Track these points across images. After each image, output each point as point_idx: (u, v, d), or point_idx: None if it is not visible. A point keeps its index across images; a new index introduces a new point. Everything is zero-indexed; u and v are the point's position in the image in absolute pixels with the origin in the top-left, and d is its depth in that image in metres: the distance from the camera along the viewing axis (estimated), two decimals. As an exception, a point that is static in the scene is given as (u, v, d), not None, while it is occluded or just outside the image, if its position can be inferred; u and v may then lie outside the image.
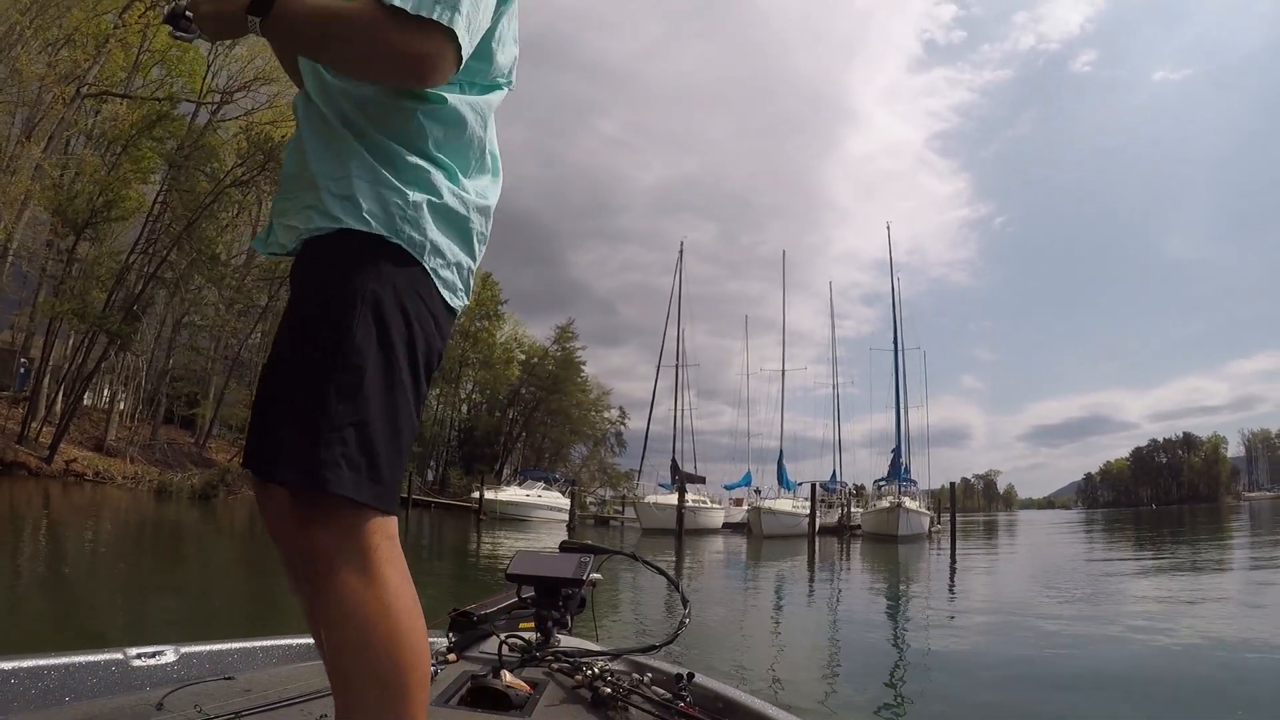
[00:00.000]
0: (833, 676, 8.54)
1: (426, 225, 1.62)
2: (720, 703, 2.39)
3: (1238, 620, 11.53)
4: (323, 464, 1.47)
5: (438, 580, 15.87)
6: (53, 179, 33.78)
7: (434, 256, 1.63)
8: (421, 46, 1.50)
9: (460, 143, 1.71)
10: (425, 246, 1.61)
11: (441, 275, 1.66)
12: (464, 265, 1.73)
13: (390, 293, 1.56)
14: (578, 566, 3.09)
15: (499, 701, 2.28)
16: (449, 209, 1.66)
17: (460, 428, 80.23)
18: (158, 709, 2.03)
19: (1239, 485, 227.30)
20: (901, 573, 23.18)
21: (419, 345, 1.61)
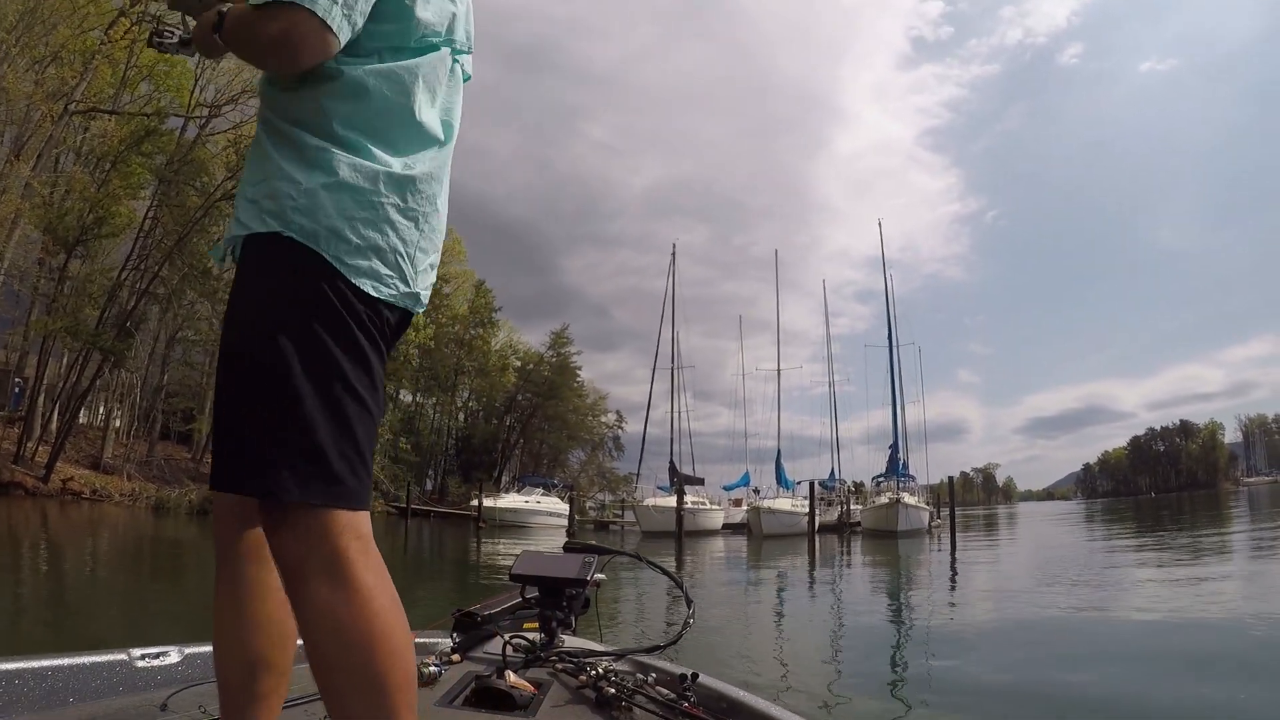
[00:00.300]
0: (836, 675, 8.52)
1: (320, 211, 1.55)
2: (724, 703, 2.39)
3: (1242, 605, 11.49)
4: (266, 473, 1.47)
5: (438, 591, 15.84)
6: (43, 197, 33.70)
7: (333, 243, 1.55)
8: (280, 29, 1.51)
9: (371, 115, 1.63)
10: (319, 234, 1.54)
11: (349, 262, 1.56)
12: (385, 247, 1.61)
13: (292, 292, 1.54)
14: (581, 567, 3.10)
15: (503, 702, 2.29)
16: (350, 188, 1.57)
17: (458, 436, 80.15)
18: (162, 710, 2.04)
19: (1237, 471, 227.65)
20: (902, 568, 23.17)
21: (335, 339, 1.54)
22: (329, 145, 1.58)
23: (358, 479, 1.55)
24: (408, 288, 1.66)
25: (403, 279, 1.65)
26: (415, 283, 1.69)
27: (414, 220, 1.66)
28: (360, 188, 1.58)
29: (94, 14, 33.48)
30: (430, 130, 1.71)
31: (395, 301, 1.64)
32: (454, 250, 74.40)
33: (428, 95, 1.70)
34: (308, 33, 1.50)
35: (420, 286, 1.72)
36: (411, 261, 1.66)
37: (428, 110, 1.70)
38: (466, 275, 76.13)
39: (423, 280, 1.73)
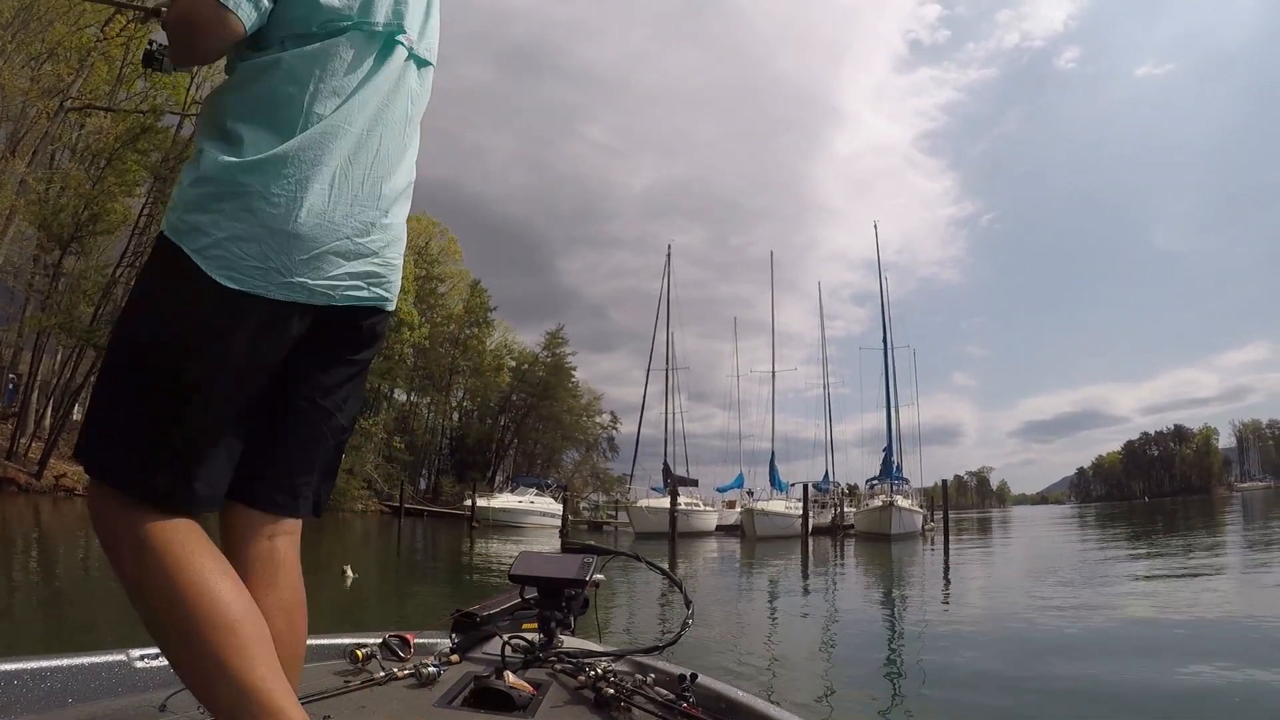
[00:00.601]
0: (831, 676, 8.57)
1: (185, 206, 1.52)
2: (723, 703, 2.39)
3: (1232, 612, 11.53)
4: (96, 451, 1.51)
5: (430, 593, 15.85)
6: (38, 193, 33.59)
7: (193, 238, 1.50)
8: (182, 9, 1.53)
9: (257, 106, 1.58)
10: (180, 229, 1.52)
11: (208, 255, 1.50)
12: (248, 237, 1.52)
13: (151, 287, 1.56)
14: (580, 567, 3.09)
15: (502, 702, 2.28)
16: (213, 179, 1.52)
17: (452, 436, 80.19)
18: (161, 710, 2.03)
19: (1231, 476, 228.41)
20: (895, 571, 23.24)
21: (187, 334, 1.50)
22: (212, 141, 1.56)
23: (179, 481, 1.52)
24: (284, 278, 1.56)
25: (275, 270, 1.54)
26: (297, 273, 1.57)
27: (282, 208, 1.54)
28: (222, 179, 1.52)
29: (90, 10, 33.32)
30: (323, 115, 1.61)
31: (265, 294, 1.54)
32: (449, 250, 74.44)
33: (330, 81, 1.62)
34: (204, 10, 1.51)
35: (314, 278, 1.60)
36: (286, 253, 1.55)
37: (326, 96, 1.62)
38: (462, 275, 76.18)
39: (317, 272, 1.61)
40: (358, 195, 1.66)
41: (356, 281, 1.69)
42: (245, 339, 1.55)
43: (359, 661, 2.56)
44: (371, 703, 2.23)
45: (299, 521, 1.81)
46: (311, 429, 1.77)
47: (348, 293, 1.68)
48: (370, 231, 1.70)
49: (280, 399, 1.71)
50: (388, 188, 1.74)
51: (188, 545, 1.49)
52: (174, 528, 1.50)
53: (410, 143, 1.83)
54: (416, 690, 2.39)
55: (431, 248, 72.18)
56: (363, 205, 1.67)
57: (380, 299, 1.77)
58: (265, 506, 1.73)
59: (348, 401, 1.83)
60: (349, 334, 1.76)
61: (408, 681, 2.44)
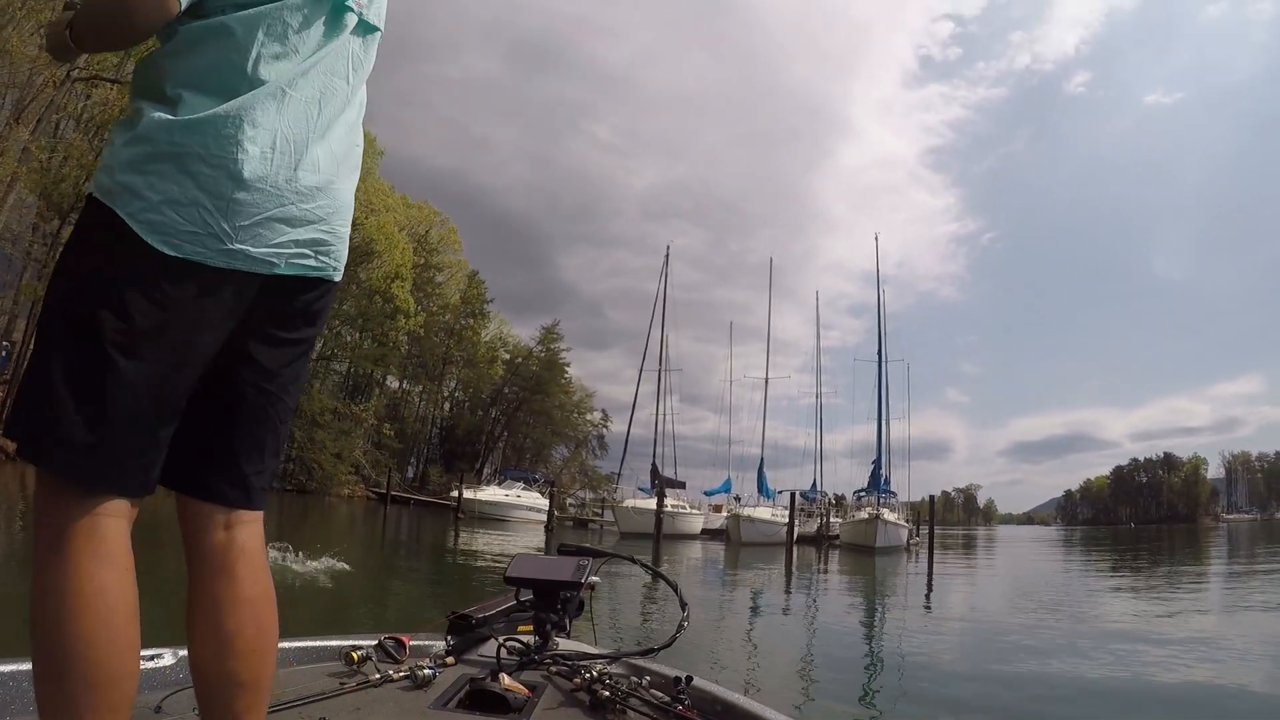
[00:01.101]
0: (814, 683, 8.58)
1: (117, 168, 1.45)
2: (719, 706, 2.40)
3: (1210, 647, 11.55)
4: (21, 427, 1.45)
5: (413, 580, 15.83)
6: (40, 162, 33.54)
7: (126, 200, 1.43)
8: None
9: (197, 69, 1.51)
10: (113, 191, 1.44)
11: (142, 219, 1.43)
12: (186, 201, 1.45)
13: (81, 253, 1.49)
14: (576, 570, 3.10)
15: (497, 704, 2.28)
16: (147, 139, 1.45)
17: (442, 425, 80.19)
18: (156, 712, 2.03)
19: (1218, 507, 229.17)
20: (878, 584, 23.24)
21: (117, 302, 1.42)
22: (148, 104, 1.49)
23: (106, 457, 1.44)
24: (224, 245, 1.49)
25: (214, 235, 1.48)
26: (237, 239, 1.51)
27: (222, 169, 1.47)
28: (156, 138, 1.45)
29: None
30: (266, 79, 1.54)
31: (207, 261, 1.49)
32: (449, 239, 74.47)
33: (274, 45, 1.56)
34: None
35: (256, 245, 1.54)
36: (225, 216, 1.48)
37: (269, 60, 1.55)
38: (460, 265, 76.24)
39: (259, 239, 1.55)
40: (301, 160, 1.60)
41: (303, 249, 1.64)
42: (183, 310, 1.49)
43: (354, 664, 2.54)
44: (367, 705, 2.23)
45: (259, 511, 1.75)
46: (259, 416, 1.71)
47: (293, 261, 1.63)
48: (316, 197, 1.64)
49: (225, 386, 1.65)
50: (333, 154, 1.69)
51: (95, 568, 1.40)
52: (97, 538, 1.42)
53: (356, 109, 1.79)
54: (412, 692, 2.38)
55: (431, 236, 72.23)
56: (307, 170, 1.61)
57: (328, 268, 1.72)
58: (216, 499, 1.66)
59: (294, 382, 1.78)
60: (293, 308, 1.70)
61: (403, 684, 2.44)
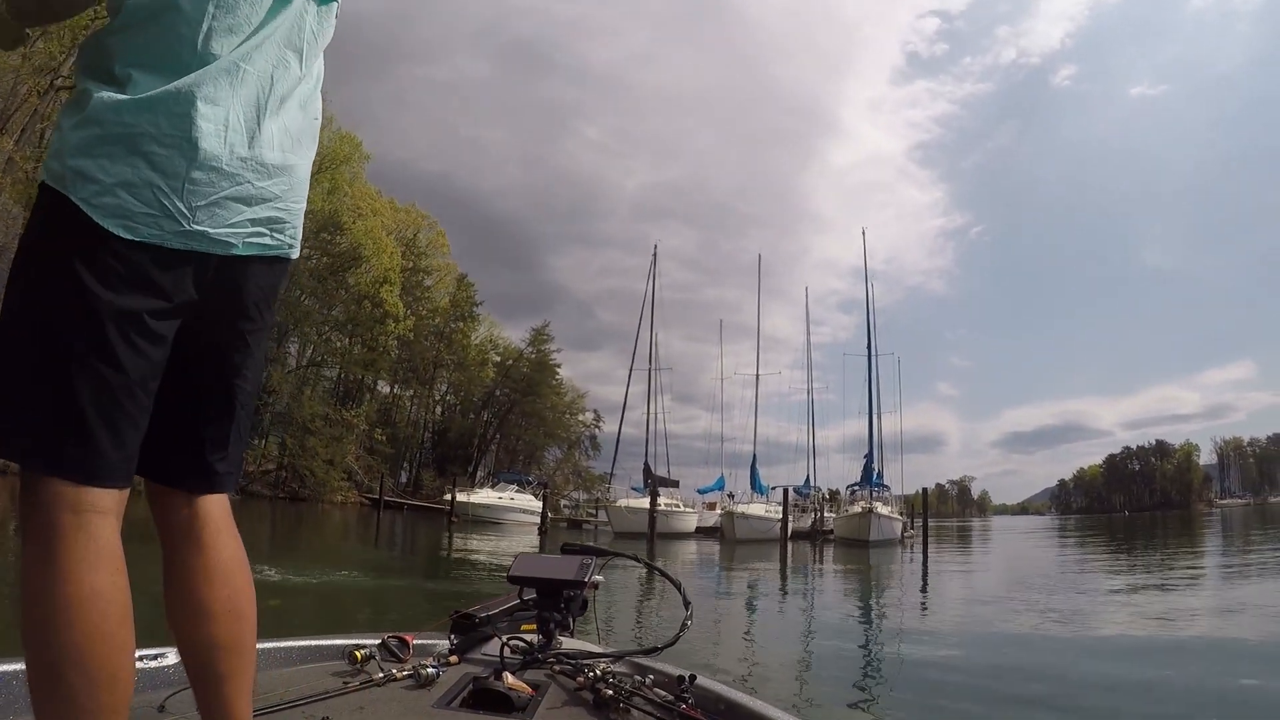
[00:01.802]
0: (810, 681, 8.57)
1: (66, 151, 1.40)
2: (722, 705, 2.39)
3: (1207, 626, 11.59)
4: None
5: (410, 585, 15.81)
6: (25, 173, 33.42)
7: (79, 185, 1.39)
8: None
9: (145, 46, 1.46)
10: (64, 176, 1.39)
11: (96, 203, 1.39)
12: (139, 183, 1.42)
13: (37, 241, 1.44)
14: (579, 568, 3.09)
15: (501, 703, 2.28)
16: (96, 120, 1.40)
17: (434, 429, 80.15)
18: (159, 711, 2.01)
19: (1211, 492, 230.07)
20: (874, 579, 23.26)
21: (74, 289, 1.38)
22: (95, 84, 1.43)
23: (83, 448, 1.40)
24: (182, 226, 1.46)
25: (170, 216, 1.44)
26: (195, 221, 1.48)
27: (176, 149, 1.44)
28: (106, 119, 1.40)
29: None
30: (218, 54, 1.51)
31: (162, 242, 1.45)
32: (437, 243, 74.42)
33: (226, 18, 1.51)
34: None
35: (205, 224, 1.50)
36: (181, 196, 1.45)
37: (221, 34, 1.51)
38: (449, 268, 76.24)
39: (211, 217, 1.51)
40: (255, 136, 1.57)
41: (259, 228, 1.61)
42: (143, 293, 1.46)
43: (357, 663, 2.54)
44: (370, 704, 2.22)
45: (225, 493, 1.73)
46: (220, 402, 1.68)
47: (250, 240, 1.60)
48: (272, 174, 1.60)
49: (185, 372, 1.60)
50: (287, 129, 1.65)
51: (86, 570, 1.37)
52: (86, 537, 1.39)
53: (313, 82, 1.75)
54: (415, 691, 2.37)
55: (419, 240, 72.22)
56: (263, 147, 1.58)
57: (284, 245, 1.68)
58: (179, 485, 1.65)
59: (254, 366, 1.74)
60: (250, 288, 1.65)
61: (406, 683, 2.43)
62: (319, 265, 56.29)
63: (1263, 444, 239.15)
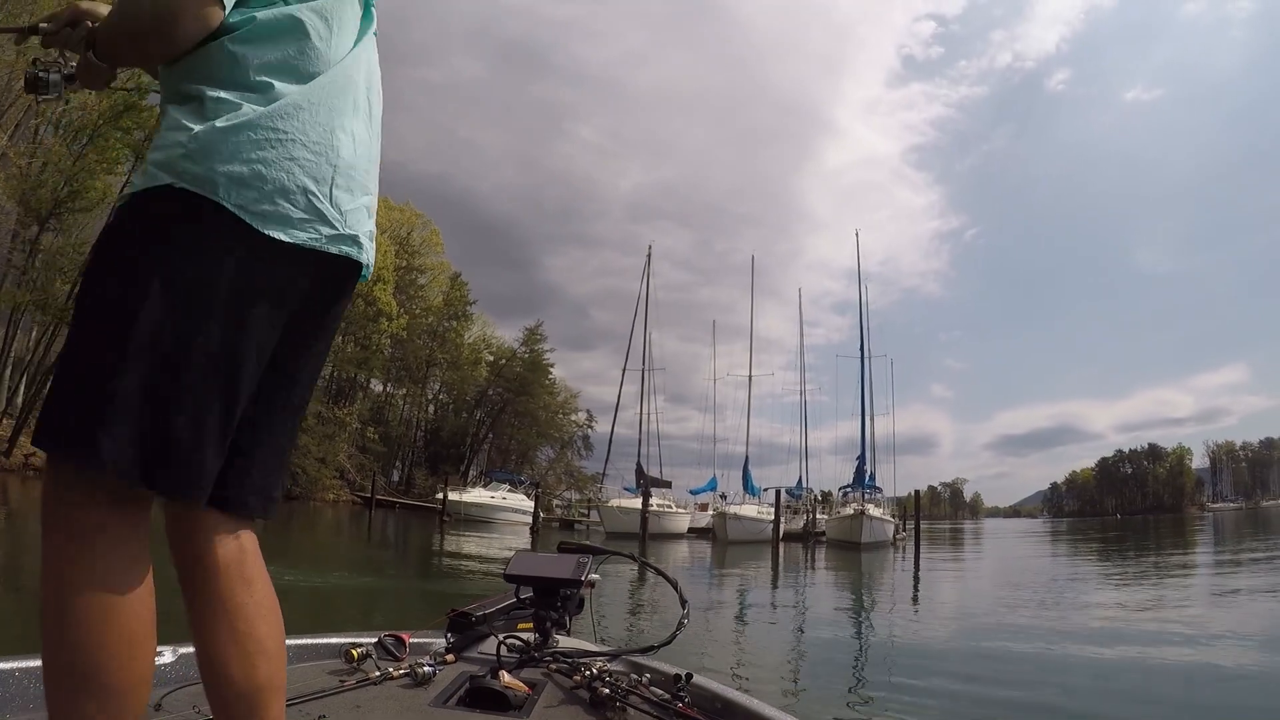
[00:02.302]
0: (804, 681, 8.60)
1: (214, 157, 1.37)
2: (718, 703, 2.40)
3: (1197, 631, 11.60)
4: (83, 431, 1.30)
5: (400, 584, 15.80)
6: (19, 168, 33.37)
7: (234, 191, 1.37)
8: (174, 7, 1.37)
9: (275, 55, 1.47)
10: (214, 182, 1.36)
11: (255, 210, 1.39)
12: (294, 189, 1.44)
13: (160, 244, 1.36)
14: (576, 567, 3.10)
15: (497, 702, 2.28)
16: (248, 126, 1.40)
17: (427, 428, 80.00)
18: (155, 709, 2.02)
19: (1203, 496, 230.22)
20: (865, 581, 23.29)
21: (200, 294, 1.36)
22: (230, 94, 1.42)
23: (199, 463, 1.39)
24: (334, 229, 1.50)
25: (323, 220, 1.48)
26: (344, 224, 1.52)
27: (323, 155, 1.48)
28: (260, 125, 1.41)
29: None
30: (336, 59, 1.55)
31: (319, 246, 1.48)
32: (431, 241, 74.36)
33: (339, 35, 1.56)
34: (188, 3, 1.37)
35: (354, 228, 1.55)
36: (329, 200, 1.49)
37: (339, 48, 1.56)
38: (442, 267, 76.11)
39: (354, 221, 1.55)
40: (369, 147, 1.62)
41: (370, 242, 1.63)
42: (280, 302, 1.47)
43: (354, 661, 2.54)
44: (367, 702, 2.22)
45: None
46: (289, 425, 1.64)
47: (369, 248, 1.62)
48: (373, 185, 1.65)
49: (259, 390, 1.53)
50: (379, 138, 1.69)
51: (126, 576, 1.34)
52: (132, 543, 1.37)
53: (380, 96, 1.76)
54: (412, 690, 2.38)
55: (413, 239, 72.16)
56: (371, 160, 1.64)
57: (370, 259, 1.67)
58: (238, 510, 1.55)
59: (311, 387, 1.70)
60: (344, 302, 1.66)
61: (403, 681, 2.43)
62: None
63: (1255, 448, 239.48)
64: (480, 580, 16.28)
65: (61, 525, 1.33)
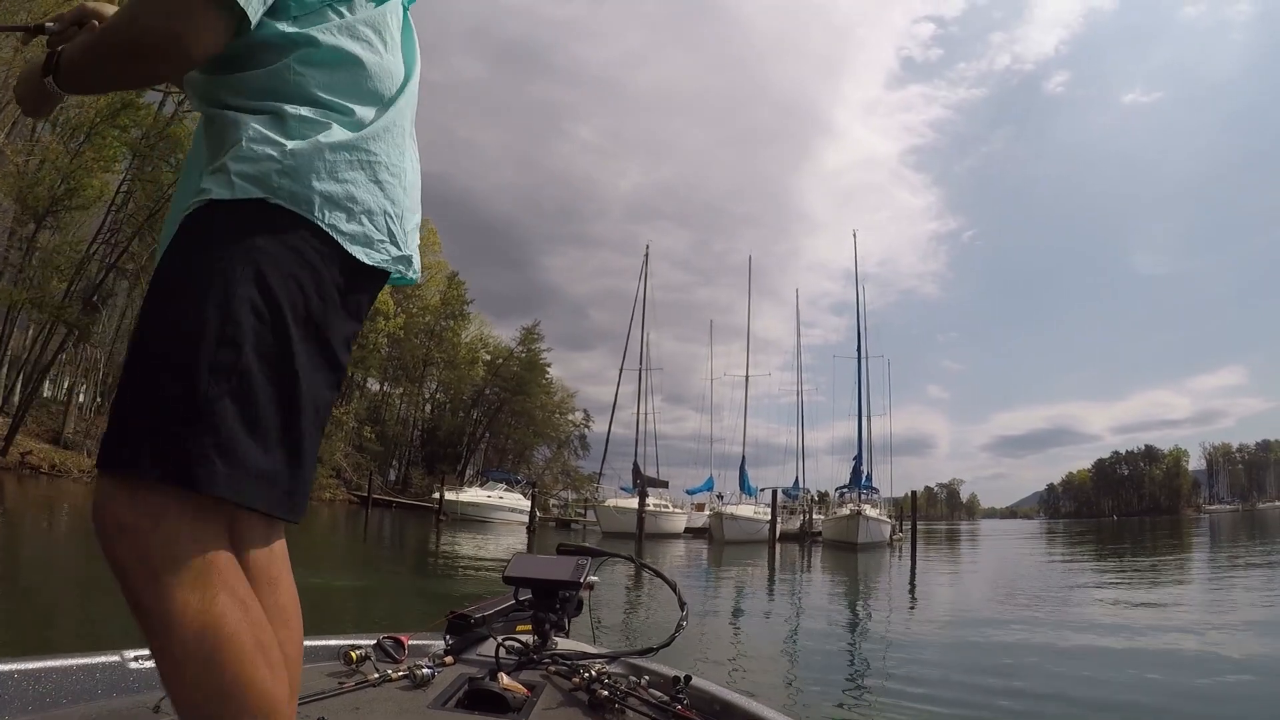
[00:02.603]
0: (801, 681, 8.60)
1: (312, 175, 1.37)
2: (718, 705, 2.39)
3: (1195, 634, 11.62)
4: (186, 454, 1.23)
5: (397, 584, 15.79)
6: (16, 166, 33.31)
7: (328, 210, 1.38)
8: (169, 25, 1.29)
9: (353, 76, 1.47)
10: (309, 200, 1.36)
11: (345, 229, 1.41)
12: (377, 210, 1.47)
13: (255, 257, 1.31)
14: (575, 569, 3.09)
15: (496, 704, 2.27)
16: (341, 147, 1.41)
17: (423, 427, 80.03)
18: (154, 712, 2.01)
19: (1199, 498, 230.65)
20: (862, 582, 23.27)
21: (294, 310, 1.34)
22: (313, 113, 1.41)
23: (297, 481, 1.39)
24: (399, 250, 1.54)
25: (394, 241, 1.52)
26: (406, 244, 1.56)
27: (398, 177, 1.53)
28: (354, 146, 1.44)
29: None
30: (399, 78, 1.58)
31: (387, 267, 1.52)
32: (428, 240, 74.30)
33: (389, 40, 1.56)
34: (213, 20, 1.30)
35: (411, 248, 1.59)
36: (400, 221, 1.54)
37: (387, 54, 1.55)
38: (440, 266, 76.07)
39: (412, 241, 1.60)
40: (418, 169, 1.66)
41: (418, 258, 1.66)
42: (357, 317, 1.51)
43: (353, 663, 2.53)
44: (365, 704, 2.21)
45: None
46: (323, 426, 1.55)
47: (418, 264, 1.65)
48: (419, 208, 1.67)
49: None
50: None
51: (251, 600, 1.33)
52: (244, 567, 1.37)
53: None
54: (411, 692, 2.37)
55: (411, 237, 72.17)
56: (417, 182, 1.66)
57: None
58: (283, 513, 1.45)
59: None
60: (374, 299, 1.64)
61: (402, 683, 2.42)
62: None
63: (1251, 450, 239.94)
64: (475, 580, 16.28)
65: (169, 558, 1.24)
